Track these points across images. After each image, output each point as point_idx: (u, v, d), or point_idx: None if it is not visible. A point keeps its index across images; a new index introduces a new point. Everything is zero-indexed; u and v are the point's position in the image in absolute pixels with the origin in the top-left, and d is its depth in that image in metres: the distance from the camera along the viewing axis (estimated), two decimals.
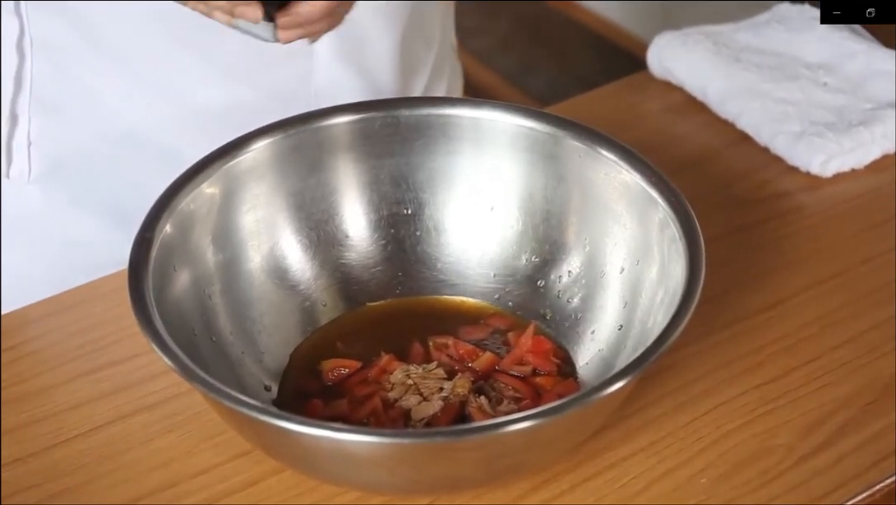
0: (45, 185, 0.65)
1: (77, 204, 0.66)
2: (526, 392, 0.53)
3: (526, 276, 0.58)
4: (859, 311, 0.59)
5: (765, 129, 0.70)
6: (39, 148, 0.64)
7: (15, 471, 0.52)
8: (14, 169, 0.65)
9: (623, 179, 0.55)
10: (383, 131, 0.58)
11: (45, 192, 0.66)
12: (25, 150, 0.64)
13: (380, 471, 0.47)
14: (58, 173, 0.65)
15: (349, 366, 0.54)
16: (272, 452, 0.49)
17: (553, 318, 0.57)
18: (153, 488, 0.51)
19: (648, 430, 0.53)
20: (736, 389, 0.55)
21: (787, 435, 0.53)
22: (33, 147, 0.64)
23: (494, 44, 1.88)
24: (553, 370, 0.54)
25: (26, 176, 0.65)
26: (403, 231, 0.59)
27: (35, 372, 0.57)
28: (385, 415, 0.51)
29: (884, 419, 0.54)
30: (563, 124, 0.56)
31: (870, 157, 0.69)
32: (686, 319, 0.47)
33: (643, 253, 0.54)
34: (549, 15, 1.91)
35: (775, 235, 0.64)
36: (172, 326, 0.48)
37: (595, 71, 1.73)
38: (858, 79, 0.73)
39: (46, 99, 0.64)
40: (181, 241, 0.52)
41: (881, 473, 0.51)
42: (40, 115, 0.65)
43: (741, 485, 0.51)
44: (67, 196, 0.66)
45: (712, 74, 0.73)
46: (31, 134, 0.64)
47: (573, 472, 0.51)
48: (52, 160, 0.65)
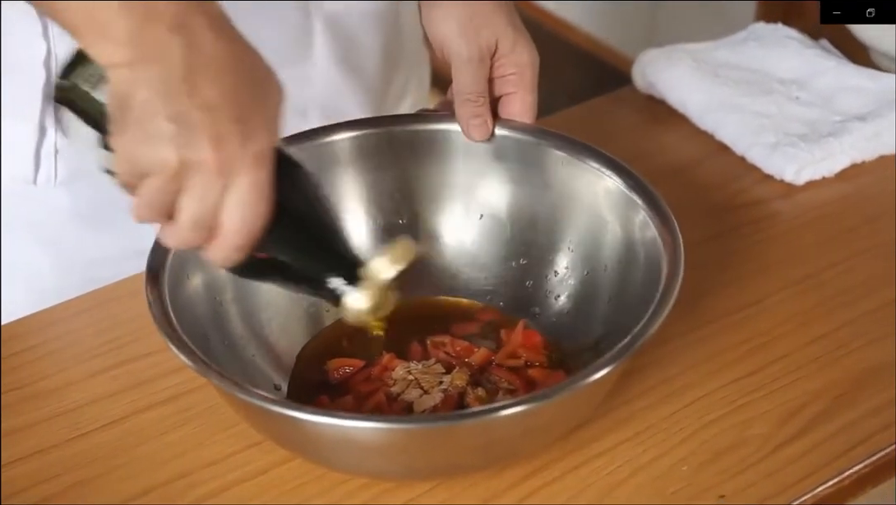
0: (70, 188, 0.67)
1: (100, 205, 0.67)
2: (519, 383, 0.55)
3: (515, 277, 0.60)
4: (830, 310, 0.61)
5: (742, 140, 0.72)
6: (64, 155, 0.66)
7: (37, 462, 0.53)
8: (41, 175, 0.66)
9: (605, 185, 0.56)
10: (379, 147, 0.59)
11: (70, 195, 0.67)
12: (52, 158, 0.66)
13: (382, 457, 0.48)
14: (81, 177, 0.67)
15: (353, 364, 0.56)
16: (281, 441, 0.51)
17: (542, 315, 0.58)
18: (168, 478, 0.52)
19: (633, 421, 0.54)
20: (715, 382, 0.57)
21: (763, 425, 0.54)
22: (59, 154, 0.66)
23: None
24: (544, 362, 0.56)
25: (53, 181, 0.66)
26: None
27: (56, 369, 0.58)
28: (389, 408, 0.53)
29: (853, 411, 0.55)
30: (547, 136, 0.58)
31: (839, 167, 0.71)
32: (666, 312, 0.48)
33: (625, 253, 0.55)
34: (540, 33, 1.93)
35: (752, 240, 0.66)
36: (186, 329, 0.49)
37: (583, 86, 1.75)
38: (829, 93, 0.75)
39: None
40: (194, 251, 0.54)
41: (850, 460, 0.53)
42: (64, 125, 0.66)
43: (720, 472, 0.52)
44: (92, 197, 0.67)
45: (693, 89, 0.75)
46: (58, 143, 0.65)
47: (563, 460, 0.52)
48: (76, 166, 0.66)
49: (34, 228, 0.68)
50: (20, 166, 0.66)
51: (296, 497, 0.51)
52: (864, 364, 0.58)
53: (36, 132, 0.65)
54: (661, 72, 0.76)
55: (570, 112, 0.77)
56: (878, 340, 0.59)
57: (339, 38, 0.68)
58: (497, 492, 0.51)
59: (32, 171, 0.66)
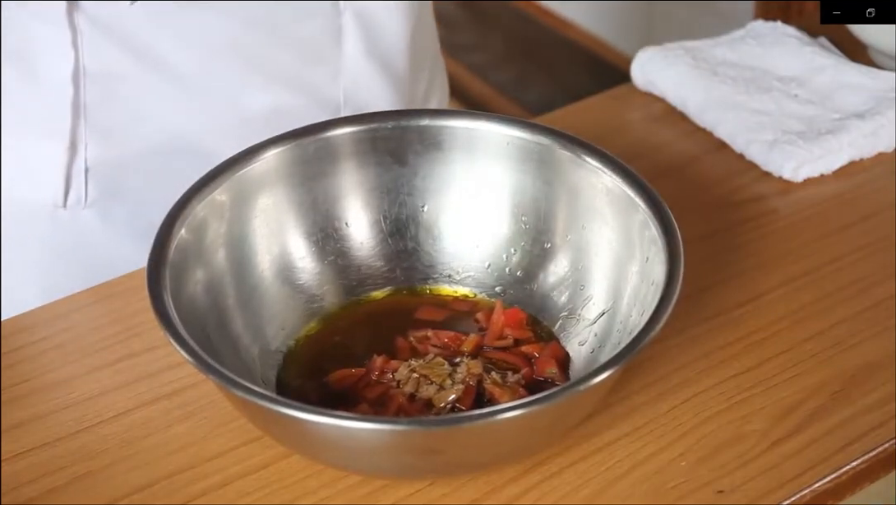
0: (100, 207, 0.64)
1: (131, 223, 0.65)
2: (518, 361, 0.54)
3: (517, 274, 0.59)
4: (828, 307, 0.60)
5: (740, 138, 0.71)
6: (95, 172, 0.63)
7: (44, 454, 0.52)
8: (72, 196, 0.63)
9: (605, 184, 0.55)
10: (385, 141, 0.58)
11: (100, 215, 0.64)
12: (83, 177, 0.63)
13: (382, 457, 0.47)
14: (113, 194, 0.64)
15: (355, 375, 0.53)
16: (280, 439, 0.50)
17: (543, 310, 0.57)
18: (171, 471, 0.51)
19: (632, 417, 0.53)
20: (713, 378, 0.56)
21: (761, 421, 0.53)
22: (90, 172, 0.63)
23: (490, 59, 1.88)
24: (531, 337, 0.55)
25: (83, 202, 0.64)
26: (404, 233, 0.59)
27: (62, 362, 0.57)
28: (410, 408, 0.51)
29: (850, 407, 0.54)
30: (550, 133, 0.57)
31: (837, 164, 0.69)
32: (668, 312, 0.47)
33: (626, 252, 0.54)
34: (541, 32, 1.92)
35: (750, 237, 0.65)
36: (187, 324, 0.48)
37: (583, 83, 1.74)
38: (827, 91, 0.74)
39: (101, 123, 0.63)
40: (195, 245, 0.53)
41: (848, 456, 0.52)
42: (95, 140, 0.63)
43: (718, 468, 0.51)
44: (122, 216, 0.65)
45: (692, 86, 0.74)
46: (88, 160, 0.63)
47: (562, 455, 0.51)
48: (107, 182, 0.64)
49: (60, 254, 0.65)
50: (48, 189, 0.63)
51: (298, 491, 0.50)
52: (861, 360, 0.57)
53: (66, 151, 0.62)
54: (659, 69, 0.75)
55: (569, 109, 0.76)
56: (877, 336, 0.58)
57: (368, 31, 0.66)
58: (496, 486, 0.50)
59: (62, 193, 0.63)
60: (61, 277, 0.65)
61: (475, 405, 0.51)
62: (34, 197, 0.64)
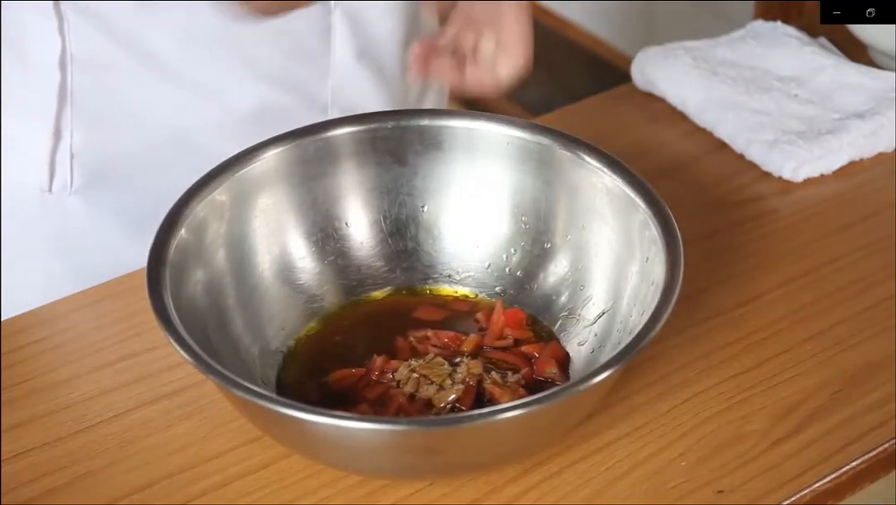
0: (86, 195, 0.64)
1: (118, 212, 0.65)
2: (518, 361, 0.53)
3: (517, 274, 0.58)
4: (827, 307, 0.60)
5: (740, 138, 0.71)
6: (81, 160, 0.63)
7: (44, 453, 0.52)
8: (56, 183, 0.63)
9: (605, 184, 0.55)
10: (385, 141, 0.58)
11: (86, 202, 0.64)
12: (68, 163, 0.63)
13: (382, 457, 0.47)
14: (99, 183, 0.64)
15: (355, 375, 0.53)
16: (279, 438, 0.50)
17: (543, 310, 0.57)
18: (172, 471, 0.51)
19: (632, 417, 0.53)
20: (713, 378, 0.55)
21: (760, 421, 0.53)
22: (75, 159, 0.63)
23: None
24: (531, 337, 0.55)
25: (68, 189, 0.64)
26: (404, 233, 0.59)
27: (62, 362, 0.57)
28: (410, 408, 0.51)
29: (850, 407, 0.54)
30: (550, 133, 0.57)
31: (837, 164, 0.69)
32: (668, 312, 0.47)
33: (626, 252, 0.54)
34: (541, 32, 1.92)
35: (750, 237, 0.65)
36: (187, 323, 0.48)
37: (583, 83, 1.74)
38: (827, 91, 0.73)
39: (88, 111, 0.63)
40: (195, 245, 0.53)
41: (848, 456, 0.52)
42: (82, 128, 0.63)
43: (718, 467, 0.51)
44: (108, 204, 0.65)
45: (692, 86, 0.74)
46: (74, 147, 0.63)
47: (562, 455, 0.51)
48: (93, 170, 0.64)
49: (49, 238, 0.65)
50: (33, 173, 0.63)
51: (298, 491, 0.50)
52: (861, 360, 0.56)
53: (51, 137, 0.62)
54: (660, 69, 0.75)
55: (570, 109, 0.76)
56: (877, 336, 0.58)
57: (358, 31, 0.66)
58: (496, 486, 0.50)
59: (47, 179, 0.63)
60: (50, 261, 0.65)
61: (475, 405, 0.51)
62: (21, 180, 0.64)
